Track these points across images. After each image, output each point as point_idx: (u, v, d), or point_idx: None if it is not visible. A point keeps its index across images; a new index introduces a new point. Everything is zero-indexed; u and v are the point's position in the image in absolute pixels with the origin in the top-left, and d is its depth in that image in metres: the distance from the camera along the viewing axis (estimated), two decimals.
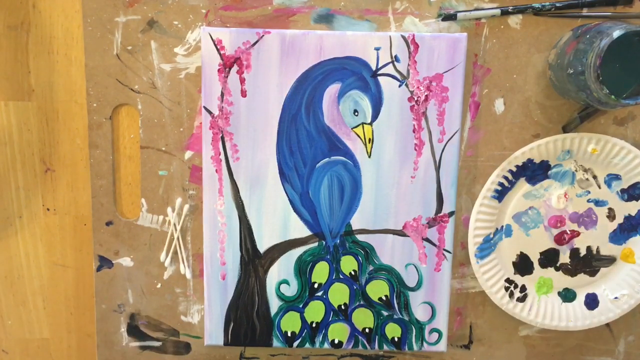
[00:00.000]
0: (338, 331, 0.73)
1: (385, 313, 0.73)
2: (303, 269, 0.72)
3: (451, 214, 0.70)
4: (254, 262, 0.71)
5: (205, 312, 0.73)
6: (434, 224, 0.71)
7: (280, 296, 0.72)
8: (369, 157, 0.69)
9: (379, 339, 0.73)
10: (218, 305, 0.72)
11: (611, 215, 0.71)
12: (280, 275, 0.72)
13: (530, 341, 0.75)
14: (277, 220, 0.71)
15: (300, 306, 0.73)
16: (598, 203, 0.71)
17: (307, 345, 0.74)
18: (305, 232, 0.71)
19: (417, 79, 0.67)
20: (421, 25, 0.67)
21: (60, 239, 0.74)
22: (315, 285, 0.72)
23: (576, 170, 0.70)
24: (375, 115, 0.68)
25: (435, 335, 0.73)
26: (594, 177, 0.70)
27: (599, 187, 0.70)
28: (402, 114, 0.68)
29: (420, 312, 0.73)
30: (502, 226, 0.71)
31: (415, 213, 0.70)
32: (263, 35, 0.66)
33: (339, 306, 0.73)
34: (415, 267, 0.72)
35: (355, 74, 0.67)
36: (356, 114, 0.68)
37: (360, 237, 0.71)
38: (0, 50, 0.69)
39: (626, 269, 0.72)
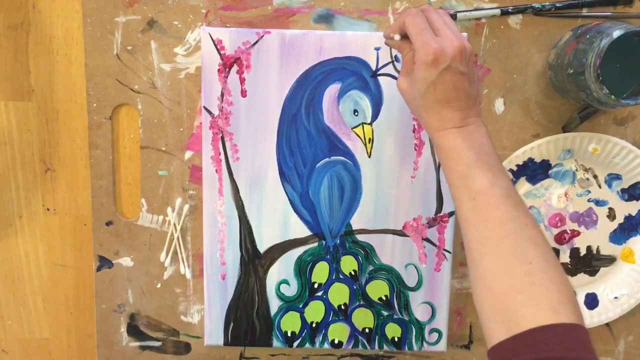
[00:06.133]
0: (338, 331, 0.73)
1: (385, 313, 0.73)
2: (303, 269, 0.72)
3: (451, 214, 0.70)
4: (254, 262, 0.71)
5: (205, 312, 0.73)
6: (434, 224, 0.71)
7: (280, 296, 0.72)
8: (369, 157, 0.69)
9: (379, 339, 0.73)
10: (218, 305, 0.72)
11: (611, 215, 0.71)
12: (280, 275, 0.72)
13: None
14: (277, 220, 0.71)
15: (300, 306, 0.73)
16: (598, 203, 0.71)
17: (307, 345, 0.74)
18: (305, 232, 0.71)
19: None
20: None
21: (60, 239, 0.74)
22: (315, 285, 0.72)
23: (577, 170, 0.70)
24: (375, 115, 0.68)
25: (435, 335, 0.73)
26: (595, 176, 0.70)
27: (600, 186, 0.70)
28: (402, 114, 0.68)
29: (420, 312, 0.73)
30: None
31: (415, 213, 0.70)
32: (263, 35, 0.66)
33: (339, 306, 0.73)
34: (415, 267, 0.72)
35: (355, 74, 0.67)
36: (356, 114, 0.68)
37: (360, 237, 0.71)
38: (0, 50, 0.69)
39: (626, 269, 0.72)
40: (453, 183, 0.54)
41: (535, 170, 0.69)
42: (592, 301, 0.73)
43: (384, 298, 0.72)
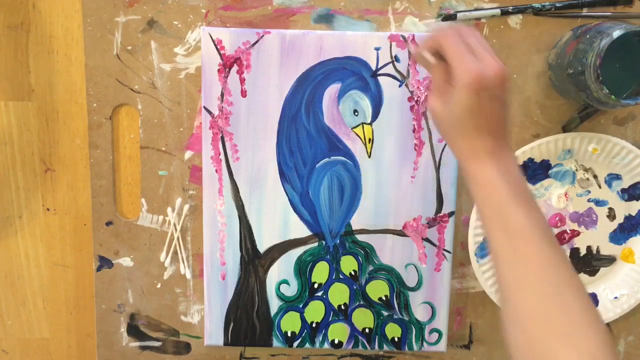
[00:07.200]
0: (338, 331, 0.73)
1: (385, 313, 0.73)
2: (303, 269, 0.72)
3: (451, 214, 0.70)
4: (254, 262, 0.71)
5: (205, 312, 0.73)
6: (434, 224, 0.71)
7: (280, 296, 0.72)
8: (369, 157, 0.69)
9: (379, 339, 0.73)
10: (218, 305, 0.72)
11: (611, 215, 0.71)
12: (280, 275, 0.72)
13: None
14: (277, 220, 0.71)
15: (300, 306, 0.73)
16: (598, 203, 0.71)
17: (307, 345, 0.74)
18: (305, 232, 0.71)
19: (417, 79, 0.67)
20: (421, 25, 0.67)
21: (60, 239, 0.74)
22: (315, 285, 0.72)
23: (576, 170, 0.70)
24: (375, 115, 0.68)
25: (435, 335, 0.73)
26: (595, 176, 0.70)
27: (600, 186, 0.70)
28: (402, 114, 0.68)
29: (420, 312, 0.73)
30: None
31: (415, 213, 0.70)
32: (263, 35, 0.66)
33: (339, 306, 0.73)
34: (415, 267, 0.72)
35: (355, 74, 0.67)
36: (356, 114, 0.68)
37: (360, 237, 0.71)
38: (0, 50, 0.69)
39: (626, 269, 0.72)
40: (486, 216, 0.52)
41: (535, 170, 0.69)
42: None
43: (384, 298, 0.72)
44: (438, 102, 0.54)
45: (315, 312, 0.73)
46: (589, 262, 0.72)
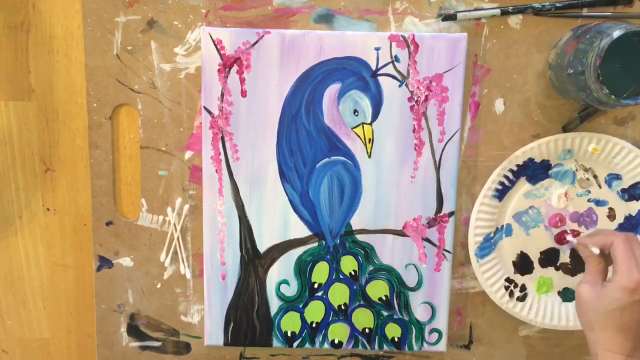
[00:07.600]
0: (338, 331, 0.73)
1: (385, 313, 0.73)
2: (303, 269, 0.72)
3: (451, 214, 0.70)
4: (254, 262, 0.71)
5: (205, 312, 0.73)
6: (434, 224, 0.71)
7: (280, 296, 0.72)
8: (369, 157, 0.69)
9: (379, 339, 0.73)
10: (218, 305, 0.72)
11: (611, 215, 0.71)
12: (280, 275, 0.72)
13: (530, 341, 0.75)
14: (277, 220, 0.71)
15: (300, 306, 0.73)
16: (598, 203, 0.71)
17: (307, 345, 0.74)
18: (305, 232, 0.71)
19: (417, 79, 0.67)
20: (421, 25, 0.67)
21: (60, 239, 0.74)
22: (315, 285, 0.72)
23: (577, 170, 0.70)
24: (375, 115, 0.68)
25: (435, 335, 0.73)
26: (595, 176, 0.70)
27: (600, 186, 0.70)
28: (402, 114, 0.68)
29: (420, 312, 0.73)
30: (503, 225, 0.71)
31: (415, 213, 0.70)
32: (263, 35, 0.66)
33: (339, 306, 0.73)
34: (415, 267, 0.72)
35: (355, 74, 0.67)
36: (356, 114, 0.68)
37: (360, 237, 0.71)
38: (0, 50, 0.69)
39: None
40: None
41: (535, 170, 0.69)
42: None
43: (384, 298, 0.72)
44: (590, 291, 0.60)
45: (315, 312, 0.73)
46: None
